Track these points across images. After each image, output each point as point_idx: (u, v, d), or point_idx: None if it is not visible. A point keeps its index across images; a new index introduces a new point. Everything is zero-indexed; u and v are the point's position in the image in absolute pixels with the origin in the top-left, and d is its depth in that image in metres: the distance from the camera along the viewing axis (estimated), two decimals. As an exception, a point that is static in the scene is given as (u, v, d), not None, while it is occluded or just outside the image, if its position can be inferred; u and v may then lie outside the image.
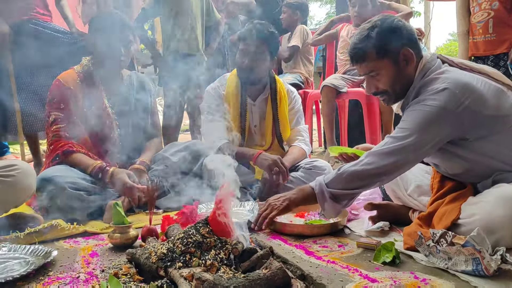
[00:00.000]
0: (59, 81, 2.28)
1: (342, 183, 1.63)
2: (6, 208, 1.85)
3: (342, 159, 1.96)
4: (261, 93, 2.60)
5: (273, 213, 1.72)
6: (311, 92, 4.01)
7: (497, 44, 2.88)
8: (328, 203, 1.65)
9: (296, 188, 1.78)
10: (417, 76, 1.62)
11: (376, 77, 1.65)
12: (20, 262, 1.46)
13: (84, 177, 2.12)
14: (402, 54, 1.60)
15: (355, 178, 1.61)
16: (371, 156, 1.58)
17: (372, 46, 1.60)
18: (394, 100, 1.71)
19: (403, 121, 1.57)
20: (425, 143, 1.51)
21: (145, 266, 1.30)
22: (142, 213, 2.19)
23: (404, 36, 1.61)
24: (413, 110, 1.55)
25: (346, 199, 1.66)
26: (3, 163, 1.84)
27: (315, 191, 1.68)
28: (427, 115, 1.49)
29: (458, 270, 1.31)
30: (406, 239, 1.57)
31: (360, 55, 1.64)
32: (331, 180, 1.65)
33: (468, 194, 1.56)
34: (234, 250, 1.32)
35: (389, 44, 1.60)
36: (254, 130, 2.62)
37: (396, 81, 1.63)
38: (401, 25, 1.62)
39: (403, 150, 1.53)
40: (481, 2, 2.90)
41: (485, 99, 1.49)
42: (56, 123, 2.22)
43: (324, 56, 4.43)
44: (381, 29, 1.60)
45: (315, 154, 4.28)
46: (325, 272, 1.36)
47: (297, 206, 1.78)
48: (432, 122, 1.49)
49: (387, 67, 1.62)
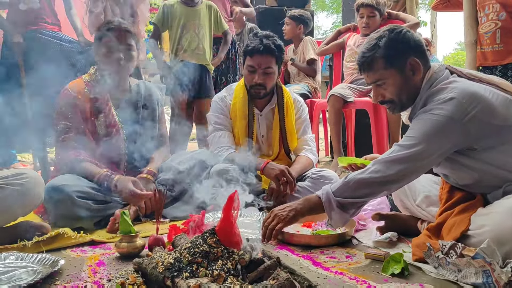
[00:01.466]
0: (67, 90, 2.30)
1: (349, 191, 1.62)
2: (14, 217, 1.86)
3: (352, 170, 1.95)
4: (268, 104, 2.60)
5: (280, 224, 1.69)
6: (318, 101, 4.01)
7: (505, 55, 2.87)
8: (335, 212, 1.63)
9: (302, 198, 1.76)
10: (424, 86, 1.62)
11: (382, 86, 1.66)
12: (28, 271, 1.46)
13: (92, 186, 2.13)
14: (409, 63, 1.61)
15: (362, 186, 1.60)
16: (378, 164, 1.58)
17: (380, 55, 1.62)
18: (399, 109, 1.71)
19: (411, 130, 1.57)
20: (432, 152, 1.51)
21: (152, 276, 1.30)
22: (149, 222, 2.19)
23: (412, 46, 1.62)
24: (420, 119, 1.55)
25: (354, 208, 1.65)
26: (12, 171, 1.85)
27: (322, 200, 1.66)
28: (434, 124, 1.49)
29: (468, 282, 1.30)
30: (414, 250, 1.56)
31: (367, 63, 1.65)
32: (338, 188, 1.64)
33: (477, 205, 1.54)
34: (241, 260, 1.31)
35: (396, 54, 1.61)
36: (261, 140, 2.62)
37: (403, 90, 1.64)
38: (409, 35, 1.63)
39: (410, 159, 1.52)
40: (488, 13, 2.89)
41: (493, 109, 1.48)
42: (64, 132, 2.23)
43: (331, 66, 4.43)
44: (389, 38, 1.62)
45: (322, 164, 4.27)
46: (333, 284, 1.35)
47: (304, 217, 1.75)
48: (439, 131, 1.49)
49: (393, 76, 1.63)
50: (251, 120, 2.55)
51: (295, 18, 4.33)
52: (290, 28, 4.35)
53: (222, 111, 2.58)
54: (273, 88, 2.56)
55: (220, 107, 2.59)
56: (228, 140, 2.52)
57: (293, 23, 4.33)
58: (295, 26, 4.33)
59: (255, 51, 2.43)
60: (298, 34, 4.35)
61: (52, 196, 2.00)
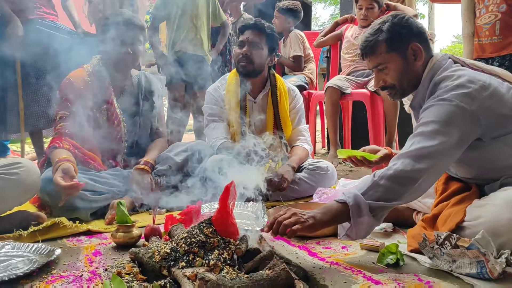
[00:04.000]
0: (69, 80, 2.28)
1: (380, 191, 1.42)
2: (9, 206, 1.85)
3: (351, 162, 1.95)
4: (261, 90, 2.61)
5: (298, 226, 1.40)
6: (315, 93, 4.00)
7: (503, 46, 2.87)
8: (363, 219, 1.41)
9: (321, 207, 1.50)
10: (427, 73, 1.61)
11: (384, 71, 1.66)
12: (24, 260, 1.46)
13: (89, 177, 2.12)
14: (411, 48, 1.61)
15: (394, 182, 1.41)
16: (403, 158, 1.44)
17: (382, 39, 1.62)
18: (400, 95, 1.70)
19: (426, 117, 1.49)
20: (453, 138, 1.43)
21: (148, 265, 1.30)
22: (145, 213, 2.20)
23: (414, 31, 1.62)
24: (434, 106, 1.49)
25: (383, 213, 1.45)
26: (7, 160, 1.85)
27: (349, 205, 1.41)
28: (448, 109, 1.44)
29: (462, 272, 1.31)
30: (410, 241, 1.56)
31: (370, 47, 1.65)
32: (367, 189, 1.43)
33: (473, 196, 1.55)
34: (237, 250, 1.32)
35: (398, 38, 1.61)
36: (255, 127, 2.62)
37: (404, 75, 1.64)
38: (412, 21, 1.63)
39: (435, 149, 1.42)
40: (488, 5, 2.88)
41: (502, 97, 1.47)
42: (61, 121, 2.22)
43: (328, 57, 4.42)
44: (392, 23, 1.62)
45: (319, 156, 4.28)
46: (329, 274, 1.35)
47: (322, 228, 1.48)
48: (454, 115, 1.44)
49: (395, 60, 1.62)
50: (244, 107, 2.56)
51: (283, 11, 4.26)
52: (279, 21, 4.28)
53: (216, 101, 2.58)
54: (262, 69, 2.55)
55: (214, 98, 2.59)
56: (223, 131, 2.53)
57: (281, 16, 4.27)
58: (284, 19, 4.27)
59: (245, 27, 2.51)
60: (287, 27, 4.29)
61: (48, 186, 2.00)
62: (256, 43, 2.48)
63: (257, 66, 2.50)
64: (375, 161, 1.89)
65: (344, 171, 3.35)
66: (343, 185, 2.34)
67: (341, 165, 3.43)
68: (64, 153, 2.07)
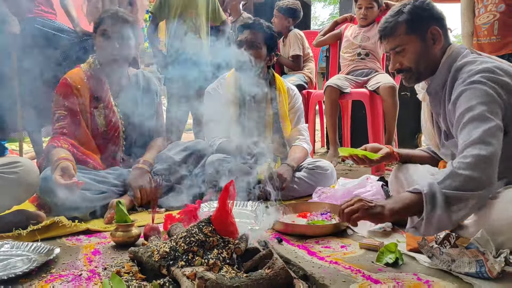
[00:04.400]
0: (66, 79, 2.28)
1: (458, 181, 1.33)
2: (9, 205, 1.85)
3: (352, 160, 1.95)
4: (260, 89, 2.61)
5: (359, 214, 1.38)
6: (314, 92, 4.00)
7: (502, 46, 2.87)
8: (437, 211, 1.32)
9: (392, 197, 1.45)
10: (446, 59, 1.62)
11: (401, 53, 1.66)
12: (23, 259, 1.46)
13: (88, 176, 2.12)
14: (430, 32, 1.62)
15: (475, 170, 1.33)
16: (471, 146, 1.36)
17: (403, 20, 1.63)
18: (415, 79, 1.70)
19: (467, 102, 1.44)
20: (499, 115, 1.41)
21: (148, 264, 1.30)
22: (144, 212, 2.19)
23: (435, 15, 1.63)
24: (468, 90, 1.46)
25: (461, 205, 1.33)
26: (6, 160, 1.84)
27: (424, 193, 1.34)
28: (485, 90, 1.43)
29: (462, 272, 1.31)
30: (409, 240, 1.57)
31: (390, 28, 1.66)
32: (444, 178, 1.35)
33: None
34: (236, 249, 1.32)
35: (419, 20, 1.62)
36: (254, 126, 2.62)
37: (421, 58, 1.64)
38: (433, 5, 1.65)
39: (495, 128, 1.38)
40: (487, 4, 2.89)
41: None
42: (58, 121, 2.22)
43: (328, 57, 4.41)
44: (414, 5, 1.63)
45: (318, 155, 4.27)
46: (328, 273, 1.35)
47: (392, 218, 1.42)
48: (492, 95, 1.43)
49: (414, 43, 1.63)
50: (243, 105, 2.55)
51: (282, 10, 4.24)
52: (278, 20, 4.26)
53: (214, 101, 2.58)
54: (262, 66, 2.56)
55: (213, 97, 2.59)
56: (222, 130, 2.53)
57: (281, 15, 4.25)
58: (284, 19, 4.25)
59: (244, 26, 2.53)
60: (286, 27, 4.28)
61: (47, 185, 1.99)
62: (255, 43, 2.48)
63: (255, 63, 2.50)
64: (377, 159, 1.88)
65: (344, 170, 3.35)
66: (342, 184, 2.34)
67: (340, 164, 3.43)
68: (62, 152, 2.07)
